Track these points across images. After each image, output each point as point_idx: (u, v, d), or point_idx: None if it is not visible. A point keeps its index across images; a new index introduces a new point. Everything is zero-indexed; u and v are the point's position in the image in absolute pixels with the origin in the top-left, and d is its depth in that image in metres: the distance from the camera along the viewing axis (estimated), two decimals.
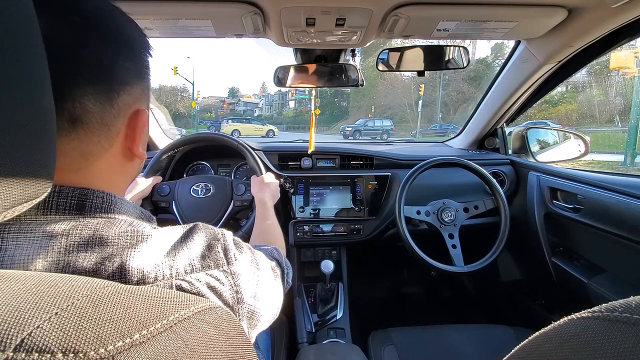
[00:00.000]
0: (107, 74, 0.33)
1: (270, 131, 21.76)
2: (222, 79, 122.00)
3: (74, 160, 0.33)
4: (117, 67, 0.34)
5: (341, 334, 1.09)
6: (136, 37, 0.36)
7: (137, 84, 0.37)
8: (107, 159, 0.36)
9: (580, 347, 0.21)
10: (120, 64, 0.34)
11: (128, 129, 0.37)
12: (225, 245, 0.39)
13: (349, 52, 1.10)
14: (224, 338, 0.28)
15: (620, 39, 0.87)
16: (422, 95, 22.06)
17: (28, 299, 0.21)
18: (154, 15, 0.78)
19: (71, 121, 0.31)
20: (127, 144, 0.38)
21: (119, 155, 0.38)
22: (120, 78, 0.34)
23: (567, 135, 1.38)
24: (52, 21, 0.29)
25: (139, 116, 0.37)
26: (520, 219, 1.23)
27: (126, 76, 0.35)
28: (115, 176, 0.38)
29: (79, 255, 0.30)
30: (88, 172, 0.35)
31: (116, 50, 0.34)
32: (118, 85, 0.34)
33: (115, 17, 0.35)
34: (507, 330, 0.99)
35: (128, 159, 0.39)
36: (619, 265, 0.93)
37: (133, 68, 0.36)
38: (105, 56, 0.33)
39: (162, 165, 1.10)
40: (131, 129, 0.37)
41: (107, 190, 0.36)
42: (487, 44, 41.42)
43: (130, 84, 0.35)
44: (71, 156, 0.33)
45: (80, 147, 0.33)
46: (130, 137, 0.38)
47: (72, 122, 0.31)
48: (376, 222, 1.24)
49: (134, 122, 0.37)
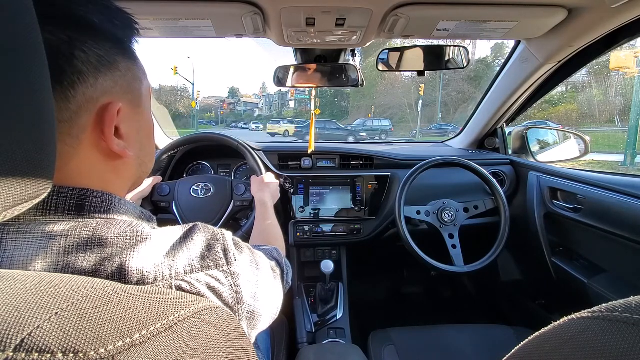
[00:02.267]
0: (62, 63, 0.30)
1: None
2: (222, 79, 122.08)
3: None
4: (75, 57, 0.31)
5: (341, 334, 1.09)
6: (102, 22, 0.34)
7: (105, 75, 0.34)
8: (81, 157, 0.34)
9: (580, 347, 0.21)
10: (77, 54, 0.31)
11: (96, 125, 0.34)
12: (225, 245, 0.39)
13: (349, 52, 1.10)
14: (224, 338, 0.28)
15: (620, 39, 0.87)
16: (422, 95, 22.06)
17: (28, 299, 0.21)
18: (154, 15, 0.78)
19: None
20: (101, 141, 0.35)
21: (96, 153, 0.35)
22: (77, 69, 0.31)
23: (567, 135, 1.38)
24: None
25: (106, 110, 0.34)
26: (520, 219, 1.22)
27: (86, 67, 0.32)
28: (107, 176, 0.37)
29: (79, 255, 0.30)
30: (67, 172, 0.33)
31: (74, 38, 0.31)
32: (74, 77, 0.31)
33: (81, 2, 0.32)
34: (507, 330, 0.99)
35: (112, 157, 0.37)
36: (619, 265, 0.93)
37: (95, 58, 0.33)
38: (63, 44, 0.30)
39: (162, 165, 1.11)
40: (100, 124, 0.34)
41: (105, 190, 0.35)
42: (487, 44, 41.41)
43: (93, 75, 0.33)
44: None
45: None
46: (99, 133, 0.35)
47: None
48: (376, 222, 1.24)
49: (102, 117, 0.34)
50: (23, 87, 0.23)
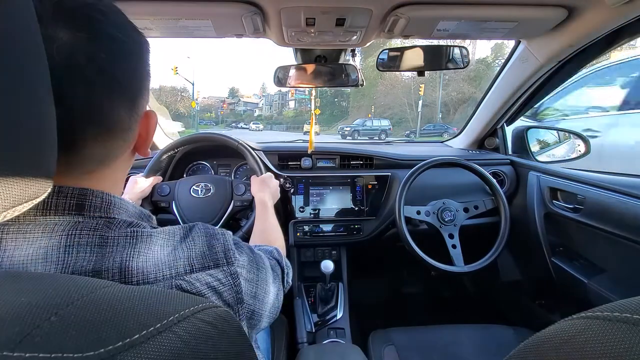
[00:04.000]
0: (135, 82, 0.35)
1: None
2: (222, 79, 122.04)
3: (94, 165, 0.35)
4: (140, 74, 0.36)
5: (341, 334, 1.09)
6: (143, 40, 0.37)
7: (148, 87, 0.38)
8: (122, 160, 0.38)
9: (580, 347, 0.21)
10: (141, 72, 0.36)
11: (142, 130, 0.39)
12: (225, 245, 0.39)
13: (349, 52, 1.10)
14: (224, 338, 0.28)
15: (620, 39, 0.87)
16: (422, 96, 22.07)
17: (28, 299, 0.21)
18: (154, 15, 0.78)
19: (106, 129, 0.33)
20: (138, 144, 0.40)
21: (130, 154, 0.40)
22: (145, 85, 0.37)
23: (567, 135, 1.38)
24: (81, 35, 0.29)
25: (149, 117, 0.39)
26: (520, 219, 1.22)
27: (145, 81, 0.37)
28: (120, 175, 0.40)
29: (79, 255, 0.30)
30: (103, 174, 0.36)
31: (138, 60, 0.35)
32: (140, 91, 0.36)
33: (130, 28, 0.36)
34: (507, 330, 0.99)
35: (132, 157, 0.41)
36: (619, 265, 0.93)
37: (147, 71, 0.37)
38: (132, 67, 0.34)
39: (162, 165, 1.10)
40: (144, 130, 0.39)
41: (111, 189, 0.36)
42: (487, 44, 41.41)
43: (146, 87, 0.37)
44: (97, 160, 0.35)
45: (103, 152, 0.34)
46: (143, 137, 0.40)
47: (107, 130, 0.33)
48: (376, 222, 1.24)
49: (146, 123, 0.39)
50: (23, 88, 0.23)
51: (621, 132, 2.26)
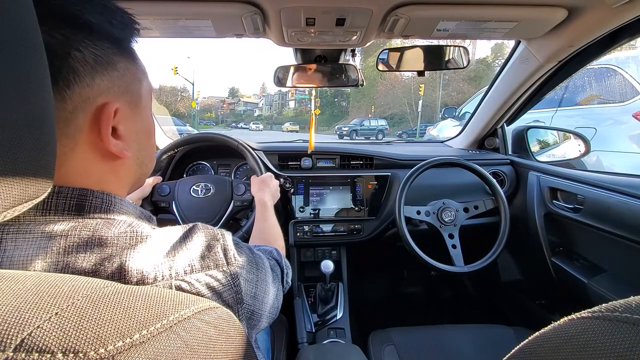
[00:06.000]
0: (57, 63, 0.30)
1: None
2: (222, 79, 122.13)
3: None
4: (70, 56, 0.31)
5: (341, 334, 1.09)
6: (99, 22, 0.34)
7: (102, 75, 0.34)
8: (79, 158, 0.34)
9: (580, 347, 0.21)
10: (73, 54, 0.31)
11: (93, 125, 0.34)
12: (225, 245, 0.39)
13: (349, 52, 1.10)
14: (224, 338, 0.28)
15: (620, 39, 0.87)
16: (422, 95, 22.08)
17: (28, 299, 0.21)
18: (154, 15, 0.78)
19: None
20: (98, 142, 0.35)
21: (93, 153, 0.35)
22: (73, 68, 0.31)
23: (567, 135, 1.38)
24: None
25: (103, 110, 0.34)
26: (520, 219, 1.22)
27: (82, 67, 0.32)
28: (106, 176, 0.37)
29: (78, 255, 0.30)
30: (64, 173, 0.33)
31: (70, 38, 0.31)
32: (69, 77, 0.31)
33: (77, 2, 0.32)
34: (507, 330, 0.99)
35: (110, 158, 0.37)
36: (619, 265, 0.93)
37: (92, 57, 0.33)
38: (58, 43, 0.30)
39: (162, 165, 1.10)
40: (96, 124, 0.34)
41: (104, 191, 0.35)
42: (487, 44, 41.45)
43: (89, 75, 0.32)
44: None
45: None
46: (96, 133, 0.35)
47: None
48: (376, 222, 1.24)
49: (99, 117, 0.34)
50: (23, 87, 0.23)
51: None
